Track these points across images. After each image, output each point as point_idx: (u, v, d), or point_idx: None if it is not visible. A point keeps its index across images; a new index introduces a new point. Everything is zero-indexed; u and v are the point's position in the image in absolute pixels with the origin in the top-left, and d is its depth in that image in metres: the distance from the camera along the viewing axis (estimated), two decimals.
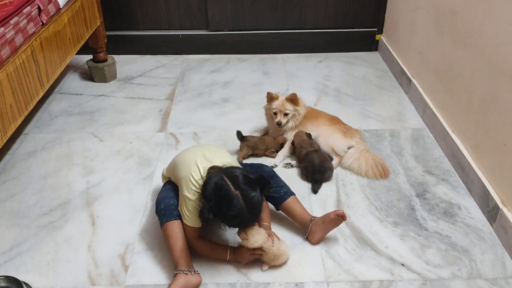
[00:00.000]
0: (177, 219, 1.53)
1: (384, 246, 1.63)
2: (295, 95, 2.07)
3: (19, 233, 1.70)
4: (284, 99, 2.07)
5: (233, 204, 1.39)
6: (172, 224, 1.52)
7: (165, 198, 1.59)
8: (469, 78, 1.92)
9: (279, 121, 2.06)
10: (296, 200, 1.67)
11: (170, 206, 1.56)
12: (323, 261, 1.58)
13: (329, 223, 1.59)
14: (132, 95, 2.63)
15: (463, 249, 1.62)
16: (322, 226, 1.60)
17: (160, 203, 1.59)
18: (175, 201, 1.58)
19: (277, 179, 1.71)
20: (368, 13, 3.03)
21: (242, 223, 1.46)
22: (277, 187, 1.67)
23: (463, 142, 1.97)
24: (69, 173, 2.01)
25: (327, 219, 1.59)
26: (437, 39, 2.22)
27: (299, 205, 1.67)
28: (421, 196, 1.86)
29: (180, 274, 1.45)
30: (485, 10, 1.79)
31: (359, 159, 1.98)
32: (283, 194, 1.66)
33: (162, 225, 1.55)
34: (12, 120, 1.68)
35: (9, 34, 1.67)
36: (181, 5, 2.99)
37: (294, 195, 1.68)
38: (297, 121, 2.11)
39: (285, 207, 1.66)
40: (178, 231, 1.51)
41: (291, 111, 2.07)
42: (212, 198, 1.42)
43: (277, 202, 1.66)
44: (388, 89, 2.69)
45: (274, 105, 2.08)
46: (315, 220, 1.62)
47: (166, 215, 1.54)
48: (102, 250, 1.63)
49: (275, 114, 2.08)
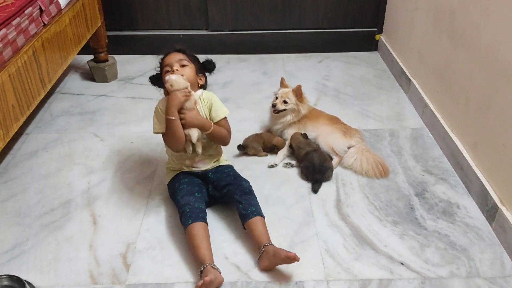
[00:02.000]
0: (203, 221, 1.58)
1: (383, 245, 1.65)
2: (299, 88, 2.10)
3: (21, 232, 1.71)
4: (290, 90, 2.12)
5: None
6: (199, 225, 1.56)
7: (189, 202, 1.62)
8: (467, 78, 1.94)
9: (274, 103, 2.10)
10: (261, 222, 1.61)
11: (196, 210, 1.60)
12: (323, 259, 1.59)
13: (279, 259, 1.49)
14: (132, 95, 2.65)
15: (462, 248, 1.64)
16: (272, 258, 1.50)
17: (185, 206, 1.61)
18: (199, 204, 1.62)
19: (250, 197, 1.68)
20: (368, 13, 3.05)
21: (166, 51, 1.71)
22: (247, 205, 1.65)
23: (462, 142, 1.98)
24: (70, 173, 2.02)
25: (278, 255, 1.49)
26: (435, 39, 2.23)
27: (261, 228, 1.59)
28: (420, 196, 1.87)
29: (209, 267, 1.46)
30: (482, 11, 1.80)
31: (360, 158, 1.99)
32: (250, 212, 1.63)
33: (188, 226, 1.56)
34: (14, 120, 1.69)
35: (11, 35, 1.69)
36: (181, 5, 3.00)
37: (262, 217, 1.63)
38: (296, 117, 2.12)
39: (248, 226, 1.61)
40: (204, 232, 1.55)
41: (292, 103, 2.09)
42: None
43: (243, 219, 1.64)
44: (387, 89, 2.70)
45: (280, 90, 2.15)
46: (269, 247, 1.52)
47: (192, 217, 1.57)
48: (103, 249, 1.64)
49: (276, 99, 2.12)
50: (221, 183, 1.75)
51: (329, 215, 1.79)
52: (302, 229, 1.72)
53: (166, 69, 1.69)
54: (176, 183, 1.74)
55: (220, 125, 1.73)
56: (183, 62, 1.70)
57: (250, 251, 1.62)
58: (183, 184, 1.72)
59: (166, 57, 1.72)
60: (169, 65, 1.68)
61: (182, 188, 1.70)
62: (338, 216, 1.78)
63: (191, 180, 1.74)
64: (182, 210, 1.61)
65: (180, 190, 1.69)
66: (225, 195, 1.73)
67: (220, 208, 1.80)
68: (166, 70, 1.69)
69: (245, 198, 1.67)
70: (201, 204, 1.64)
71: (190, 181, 1.73)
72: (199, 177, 1.77)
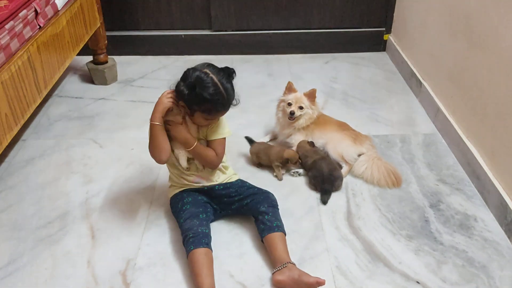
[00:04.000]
0: (206, 246, 1.49)
1: (397, 261, 1.56)
2: (314, 91, 2.01)
3: (16, 247, 1.63)
4: (303, 94, 2.01)
5: (208, 84, 1.44)
6: (200, 251, 1.47)
7: (192, 226, 1.53)
8: (485, 83, 1.84)
9: (293, 110, 1.97)
10: (284, 239, 1.55)
11: (199, 234, 1.51)
12: (334, 278, 1.50)
13: (302, 283, 1.41)
14: (133, 98, 2.56)
15: (481, 265, 1.55)
16: (294, 279, 1.42)
17: (188, 231, 1.52)
18: (203, 228, 1.53)
19: (277, 211, 1.63)
20: (376, 12, 2.94)
21: (213, 107, 1.48)
22: (274, 218, 1.58)
23: (479, 150, 1.89)
24: (68, 182, 1.93)
25: (304, 278, 1.41)
26: (450, 41, 2.13)
27: (284, 244, 1.53)
28: (435, 207, 1.78)
29: None
30: (501, 14, 1.70)
31: (371, 167, 1.90)
32: (275, 226, 1.56)
33: (190, 251, 1.48)
34: (7, 130, 1.60)
35: (4, 39, 1.60)
36: (183, 4, 2.90)
37: (284, 234, 1.57)
38: (309, 121, 2.03)
39: (270, 238, 1.54)
40: (205, 258, 1.46)
41: (307, 107, 2.00)
42: (189, 79, 1.46)
43: (266, 229, 1.56)
44: (397, 91, 2.61)
45: (291, 96, 2.01)
46: (293, 266, 1.46)
47: (195, 243, 1.49)
48: (102, 265, 1.56)
49: (290, 105, 2.00)
50: (243, 194, 1.66)
51: (339, 228, 1.70)
52: (312, 243, 1.63)
53: (207, 118, 1.53)
54: (179, 201, 1.64)
55: (213, 144, 1.61)
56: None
57: (257, 268, 1.54)
58: (187, 204, 1.62)
59: (218, 113, 1.54)
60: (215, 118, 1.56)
61: (186, 209, 1.60)
62: (349, 230, 1.69)
63: (195, 199, 1.64)
64: (185, 235, 1.53)
65: (184, 212, 1.60)
66: (246, 206, 1.65)
67: (225, 221, 1.72)
68: (206, 119, 1.53)
69: (272, 210, 1.61)
70: (205, 228, 1.55)
71: (194, 200, 1.64)
72: (204, 193, 1.68)
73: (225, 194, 1.67)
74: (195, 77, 1.45)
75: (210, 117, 1.52)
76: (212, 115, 1.52)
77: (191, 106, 1.49)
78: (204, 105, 1.47)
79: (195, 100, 1.46)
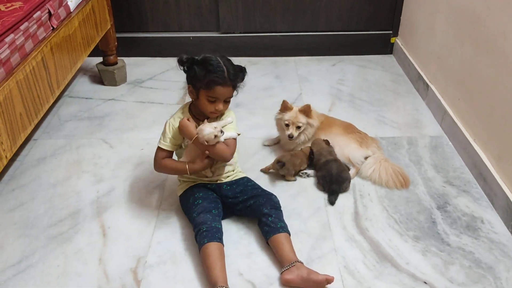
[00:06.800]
0: (219, 241, 1.51)
1: (405, 262, 1.57)
2: (308, 107, 1.98)
3: (28, 244, 1.66)
4: (298, 111, 1.98)
5: (212, 61, 1.56)
6: (214, 245, 1.49)
7: (206, 221, 1.56)
8: (492, 85, 1.85)
9: (291, 134, 1.97)
10: (289, 240, 1.56)
11: (213, 229, 1.53)
12: (342, 277, 1.52)
13: (311, 281, 1.43)
14: (142, 99, 2.59)
15: (488, 266, 1.56)
16: (303, 277, 1.44)
17: (201, 225, 1.55)
18: (216, 223, 1.56)
19: (280, 213, 1.65)
20: (383, 15, 2.96)
21: (213, 80, 1.54)
22: (277, 219, 1.60)
23: (485, 152, 1.90)
24: (79, 181, 1.96)
25: (313, 276, 1.44)
26: (457, 45, 2.15)
27: (290, 244, 1.55)
28: (442, 209, 1.80)
29: None
30: (509, 17, 1.72)
31: (379, 169, 1.91)
32: (280, 227, 1.58)
33: (203, 245, 1.50)
34: (22, 130, 1.63)
35: (19, 40, 1.63)
36: (192, 6, 2.93)
37: (289, 235, 1.58)
38: (310, 134, 2.03)
39: (276, 240, 1.55)
40: (219, 253, 1.49)
41: (304, 124, 1.99)
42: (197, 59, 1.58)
43: (271, 231, 1.57)
44: (404, 94, 2.62)
45: (287, 116, 1.98)
46: (302, 265, 1.48)
47: (208, 237, 1.51)
48: (113, 263, 1.58)
49: (287, 126, 2.00)
50: (246, 195, 1.68)
51: (347, 228, 1.72)
52: (320, 243, 1.65)
53: (210, 100, 1.59)
54: (190, 197, 1.67)
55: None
56: (229, 98, 1.64)
57: (266, 266, 1.56)
58: (199, 199, 1.65)
59: (218, 88, 1.57)
60: (218, 99, 1.60)
61: (198, 204, 1.63)
62: (357, 230, 1.71)
63: (206, 194, 1.67)
64: (199, 229, 1.55)
65: (196, 206, 1.62)
66: (249, 207, 1.66)
67: (232, 221, 1.74)
68: (210, 101, 1.59)
69: (275, 212, 1.63)
70: (218, 223, 1.57)
71: (206, 195, 1.67)
72: (213, 190, 1.70)
73: (231, 194, 1.69)
74: (202, 57, 1.59)
75: (212, 95, 1.57)
76: (213, 90, 1.56)
77: (195, 84, 1.58)
78: (205, 79, 1.55)
79: (199, 75, 1.55)
